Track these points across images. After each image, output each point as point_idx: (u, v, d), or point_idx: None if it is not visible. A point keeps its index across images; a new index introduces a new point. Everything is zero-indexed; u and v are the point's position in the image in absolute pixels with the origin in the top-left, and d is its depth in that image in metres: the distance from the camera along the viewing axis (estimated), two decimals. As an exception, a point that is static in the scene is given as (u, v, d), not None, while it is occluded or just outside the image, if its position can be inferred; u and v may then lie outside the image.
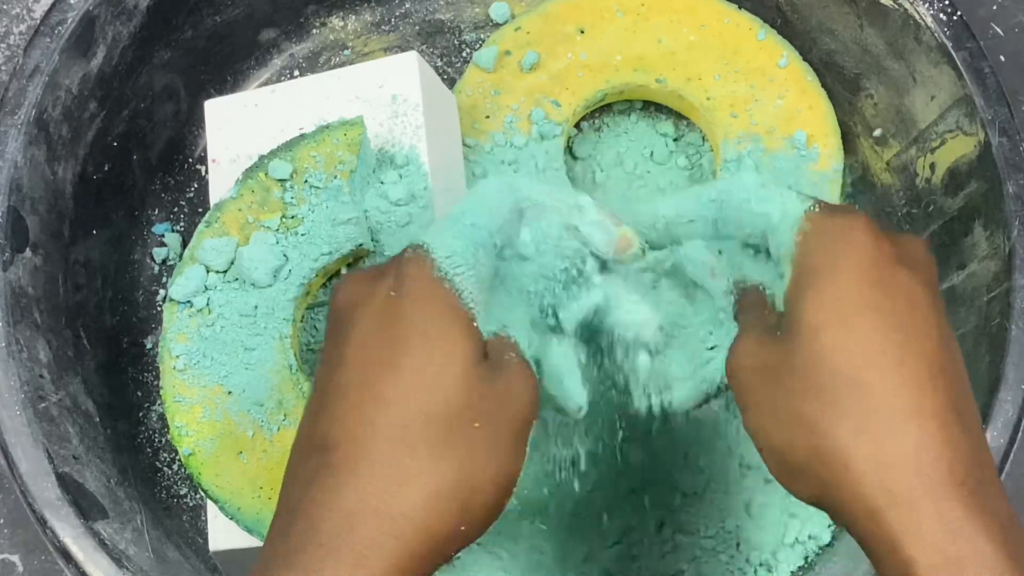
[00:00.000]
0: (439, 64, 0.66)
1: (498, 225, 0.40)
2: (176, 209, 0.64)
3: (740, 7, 0.62)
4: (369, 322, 0.36)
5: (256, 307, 0.50)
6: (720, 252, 0.44)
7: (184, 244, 0.63)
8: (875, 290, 0.36)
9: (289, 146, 0.51)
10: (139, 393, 0.60)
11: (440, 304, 0.36)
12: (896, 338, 0.36)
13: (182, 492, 0.59)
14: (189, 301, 0.50)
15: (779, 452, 0.38)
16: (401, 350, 0.36)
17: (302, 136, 0.51)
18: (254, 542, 0.50)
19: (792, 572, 0.55)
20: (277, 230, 0.50)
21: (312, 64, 0.66)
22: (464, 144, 0.59)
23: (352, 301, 0.38)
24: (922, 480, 0.34)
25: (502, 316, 0.41)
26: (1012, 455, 0.50)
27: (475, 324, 0.37)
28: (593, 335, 0.45)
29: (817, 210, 0.39)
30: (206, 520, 0.52)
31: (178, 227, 0.63)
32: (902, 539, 0.33)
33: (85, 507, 0.50)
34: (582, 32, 0.61)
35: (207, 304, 0.50)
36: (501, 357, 0.38)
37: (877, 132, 0.61)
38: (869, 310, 0.36)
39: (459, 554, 0.49)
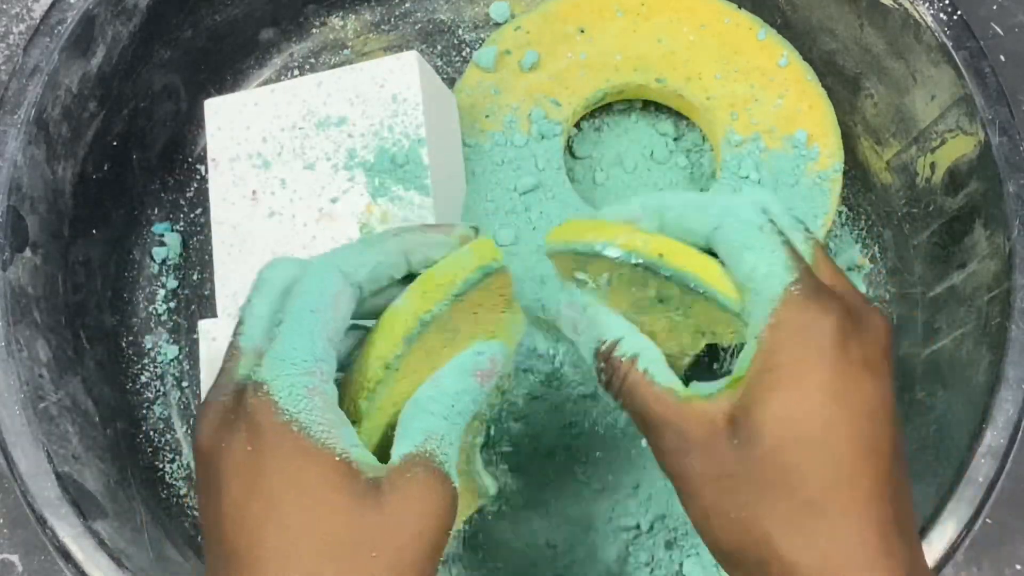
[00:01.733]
0: (439, 64, 0.66)
1: (332, 310, 0.38)
2: (176, 209, 0.64)
3: (740, 7, 0.62)
4: (235, 485, 0.36)
5: None
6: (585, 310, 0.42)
7: (184, 244, 0.63)
8: (840, 405, 0.37)
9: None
10: (139, 393, 0.60)
11: (295, 453, 0.35)
12: (854, 457, 0.37)
13: (182, 492, 0.59)
14: None
15: (726, 551, 0.38)
16: (273, 510, 0.35)
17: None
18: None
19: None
20: None
21: (312, 64, 0.66)
22: (464, 144, 0.59)
23: (213, 451, 0.37)
24: None
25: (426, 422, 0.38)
26: (1012, 455, 0.51)
27: (339, 455, 0.36)
28: None
29: (796, 291, 0.38)
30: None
31: (178, 227, 0.63)
32: None
33: (85, 507, 0.50)
34: (582, 32, 0.61)
35: None
36: (403, 475, 0.36)
37: (877, 131, 0.61)
38: (833, 428, 0.37)
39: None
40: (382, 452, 0.39)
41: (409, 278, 0.40)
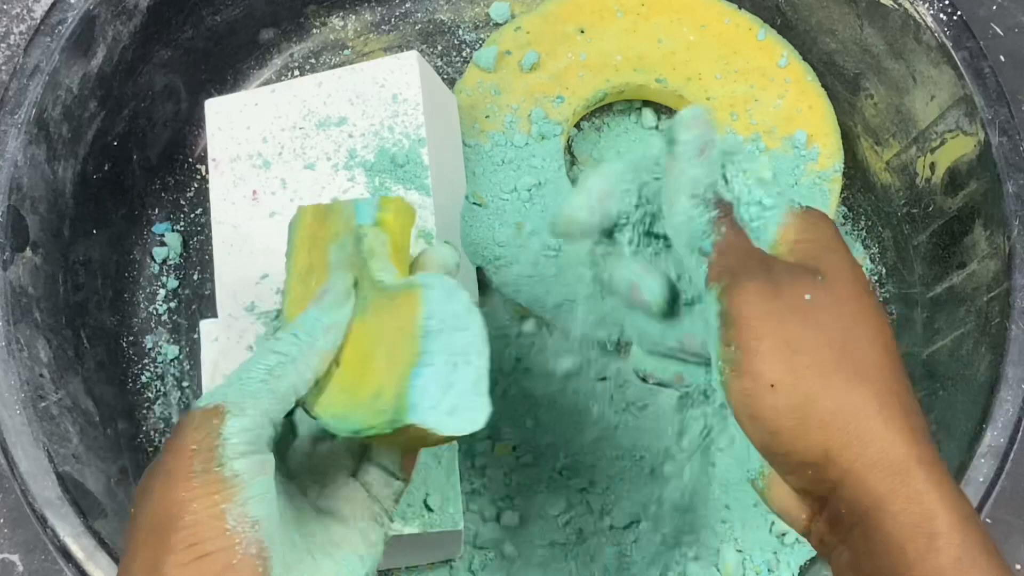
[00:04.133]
0: (439, 64, 0.66)
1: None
2: (176, 209, 0.64)
3: (740, 7, 0.62)
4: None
5: None
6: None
7: (184, 244, 0.63)
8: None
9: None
10: (139, 393, 0.60)
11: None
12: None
13: (182, 492, 0.59)
14: None
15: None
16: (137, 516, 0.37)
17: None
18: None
19: (793, 572, 0.55)
20: None
21: (312, 64, 0.66)
22: (464, 144, 0.59)
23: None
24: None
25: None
26: (1012, 455, 0.51)
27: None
28: None
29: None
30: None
31: (178, 227, 0.63)
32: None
33: (85, 506, 0.50)
34: (582, 32, 0.61)
35: None
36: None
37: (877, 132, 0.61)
38: None
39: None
40: None
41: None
